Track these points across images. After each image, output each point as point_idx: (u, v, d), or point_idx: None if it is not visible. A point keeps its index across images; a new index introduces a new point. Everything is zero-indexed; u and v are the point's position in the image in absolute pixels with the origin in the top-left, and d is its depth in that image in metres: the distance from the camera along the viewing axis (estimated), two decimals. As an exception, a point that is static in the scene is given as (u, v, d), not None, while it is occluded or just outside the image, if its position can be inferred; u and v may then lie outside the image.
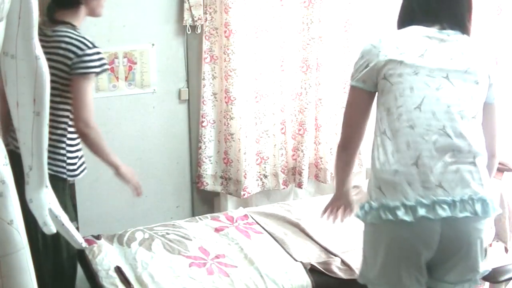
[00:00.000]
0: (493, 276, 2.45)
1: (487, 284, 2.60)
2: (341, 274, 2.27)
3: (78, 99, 2.24)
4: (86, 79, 2.24)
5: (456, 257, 1.82)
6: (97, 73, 2.29)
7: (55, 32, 2.25)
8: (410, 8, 1.94)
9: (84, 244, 1.87)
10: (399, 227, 1.76)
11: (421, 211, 1.72)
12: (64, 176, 2.29)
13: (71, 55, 2.21)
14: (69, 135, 2.30)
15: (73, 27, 2.29)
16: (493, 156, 2.00)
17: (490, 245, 2.80)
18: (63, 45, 2.22)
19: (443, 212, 1.72)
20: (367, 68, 1.85)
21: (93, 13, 2.37)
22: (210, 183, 3.15)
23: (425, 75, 1.82)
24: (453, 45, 1.86)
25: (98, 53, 2.26)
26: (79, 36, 2.26)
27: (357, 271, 2.26)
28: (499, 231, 2.68)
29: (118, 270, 2.19)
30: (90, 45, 2.25)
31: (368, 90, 1.88)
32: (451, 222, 1.75)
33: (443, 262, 1.84)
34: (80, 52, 2.21)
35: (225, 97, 3.03)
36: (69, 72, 2.23)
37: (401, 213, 1.73)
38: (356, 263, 2.30)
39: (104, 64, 2.29)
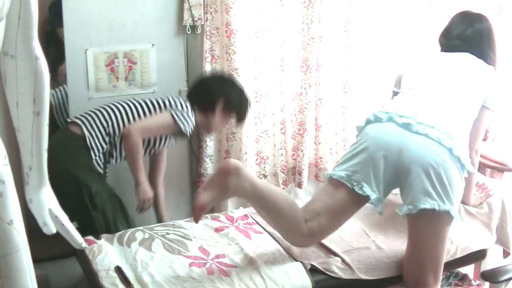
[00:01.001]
0: (493, 276, 2.46)
1: (487, 284, 2.60)
2: (342, 274, 2.26)
3: (149, 119, 2.65)
4: (172, 123, 2.64)
5: (410, 176, 2.07)
6: (182, 134, 2.68)
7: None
8: (440, 41, 2.64)
9: (84, 244, 1.88)
10: (378, 132, 2.19)
11: (392, 115, 2.18)
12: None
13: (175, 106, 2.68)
14: None
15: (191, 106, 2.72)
16: (473, 150, 2.37)
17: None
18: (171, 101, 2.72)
19: (407, 120, 2.13)
20: (397, 77, 2.58)
21: (206, 127, 2.80)
22: (210, 183, 3.15)
23: (430, 66, 2.46)
24: (460, 56, 2.46)
25: (190, 124, 2.66)
26: (187, 107, 2.70)
27: (358, 271, 2.27)
28: (501, 238, 2.66)
29: (118, 270, 2.19)
30: (191, 115, 2.68)
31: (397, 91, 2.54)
32: (412, 138, 2.10)
33: (402, 181, 2.12)
34: (185, 109, 2.68)
35: (226, 97, 3.03)
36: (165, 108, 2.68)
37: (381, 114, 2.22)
38: (357, 263, 2.30)
39: (187, 131, 2.67)
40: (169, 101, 2.70)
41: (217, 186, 2.10)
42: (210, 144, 3.11)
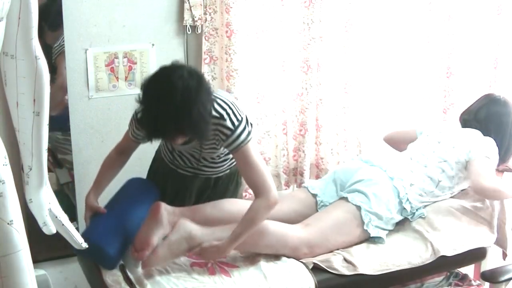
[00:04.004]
0: (493, 276, 2.46)
1: (487, 284, 2.60)
2: (344, 271, 2.26)
3: None
4: None
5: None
6: None
7: None
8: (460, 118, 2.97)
9: (85, 244, 1.87)
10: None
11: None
12: None
13: None
14: None
15: None
16: (486, 191, 2.57)
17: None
18: None
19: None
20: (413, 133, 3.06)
21: None
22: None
23: (429, 141, 2.82)
24: (464, 130, 2.81)
25: None
26: None
27: (359, 267, 2.26)
28: (498, 238, 2.64)
29: (122, 268, 2.19)
30: None
31: None
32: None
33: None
34: None
35: (226, 98, 3.02)
36: None
37: None
38: (358, 260, 2.30)
39: None
40: None
41: (154, 223, 2.25)
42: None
